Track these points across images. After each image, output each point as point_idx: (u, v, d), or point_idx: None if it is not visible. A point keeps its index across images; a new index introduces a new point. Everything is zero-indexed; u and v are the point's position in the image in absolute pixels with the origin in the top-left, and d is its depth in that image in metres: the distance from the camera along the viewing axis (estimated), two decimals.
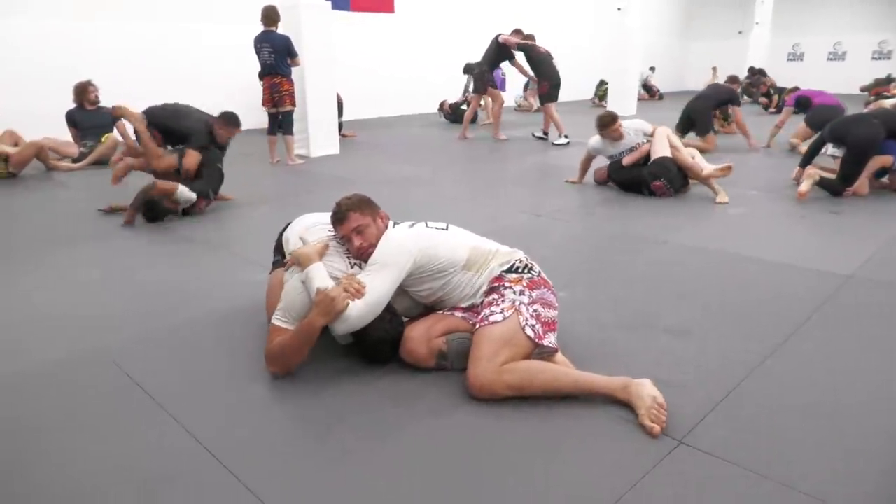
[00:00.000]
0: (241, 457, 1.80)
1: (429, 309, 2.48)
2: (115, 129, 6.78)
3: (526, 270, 2.32)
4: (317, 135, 7.26)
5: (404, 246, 2.22)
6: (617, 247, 3.76)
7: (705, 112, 7.37)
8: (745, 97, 12.60)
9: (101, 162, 6.64)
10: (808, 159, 5.21)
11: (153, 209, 4.28)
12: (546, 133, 8.71)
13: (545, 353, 2.19)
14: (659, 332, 2.56)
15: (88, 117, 6.79)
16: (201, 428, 1.93)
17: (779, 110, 11.33)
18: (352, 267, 2.30)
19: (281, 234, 2.77)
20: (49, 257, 3.64)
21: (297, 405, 2.07)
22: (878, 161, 4.76)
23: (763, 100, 12.38)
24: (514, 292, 2.23)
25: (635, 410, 1.93)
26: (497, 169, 6.63)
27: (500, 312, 2.16)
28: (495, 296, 2.24)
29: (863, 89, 11.92)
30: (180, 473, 1.73)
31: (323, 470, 1.74)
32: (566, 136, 8.21)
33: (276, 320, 2.23)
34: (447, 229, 2.39)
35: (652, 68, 16.08)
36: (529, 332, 2.13)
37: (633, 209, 4.63)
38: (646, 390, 1.95)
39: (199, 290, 3.10)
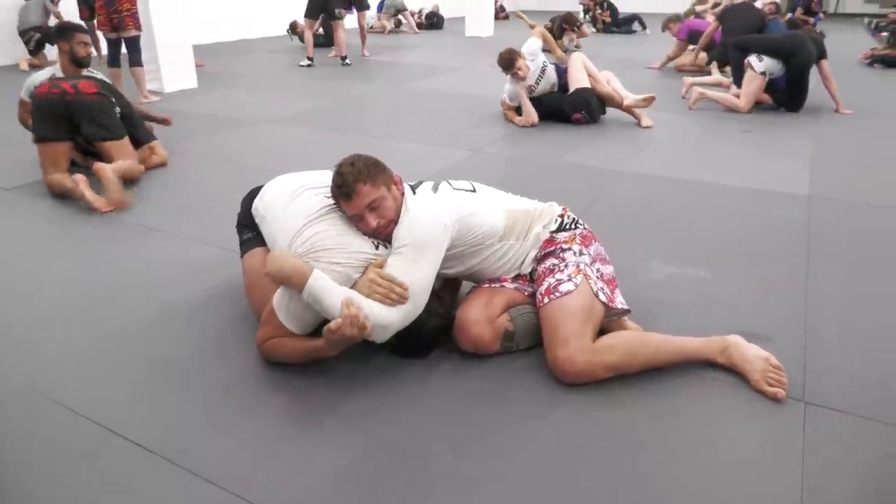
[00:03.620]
0: None
1: (449, 280, 2.10)
2: None
3: (574, 225, 2.01)
4: (170, 65, 6.10)
5: (438, 220, 1.77)
6: (578, 181, 3.56)
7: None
8: (586, 16, 12.45)
9: None
10: None
11: None
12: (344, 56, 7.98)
13: (615, 316, 1.94)
14: (681, 274, 2.42)
15: None
16: (232, 478, 1.43)
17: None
18: (377, 247, 1.79)
19: (247, 204, 2.15)
20: None
21: (348, 427, 1.62)
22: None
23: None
24: (574, 253, 1.92)
25: (745, 375, 1.76)
26: (392, 99, 6.06)
27: (569, 280, 1.84)
28: (554, 260, 1.92)
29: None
30: None
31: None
32: (310, 60, 7.72)
33: (286, 321, 1.73)
34: (475, 191, 1.98)
35: None
36: (603, 297, 1.85)
37: (565, 138, 4.44)
38: (750, 351, 1.78)
39: (129, 282, 2.39)
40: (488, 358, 1.87)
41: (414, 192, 1.90)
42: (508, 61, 4.56)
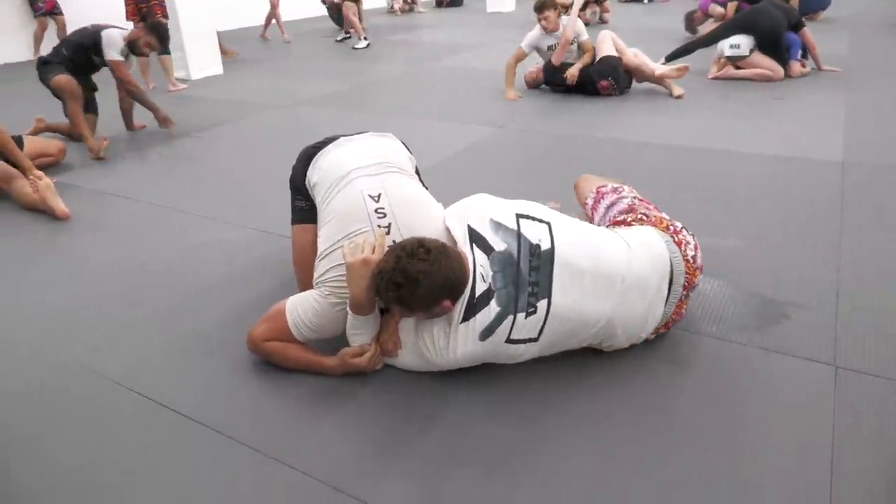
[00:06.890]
0: None
1: None
2: None
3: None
4: (195, 52, 6.18)
5: (453, 359, 1.64)
6: (606, 153, 3.54)
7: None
8: None
9: None
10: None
11: None
12: (348, 34, 8.21)
13: None
14: (715, 243, 2.40)
15: None
16: (273, 445, 1.50)
17: None
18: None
19: (302, 164, 1.98)
20: None
21: (381, 397, 1.67)
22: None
23: None
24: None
25: None
26: (415, 78, 6.04)
27: None
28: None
29: None
30: None
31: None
32: (366, 39, 7.86)
33: (294, 328, 1.71)
34: (537, 340, 1.61)
35: None
36: None
37: (591, 110, 4.40)
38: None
39: (166, 263, 2.48)
40: None
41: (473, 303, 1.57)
42: (541, 4, 4.59)
